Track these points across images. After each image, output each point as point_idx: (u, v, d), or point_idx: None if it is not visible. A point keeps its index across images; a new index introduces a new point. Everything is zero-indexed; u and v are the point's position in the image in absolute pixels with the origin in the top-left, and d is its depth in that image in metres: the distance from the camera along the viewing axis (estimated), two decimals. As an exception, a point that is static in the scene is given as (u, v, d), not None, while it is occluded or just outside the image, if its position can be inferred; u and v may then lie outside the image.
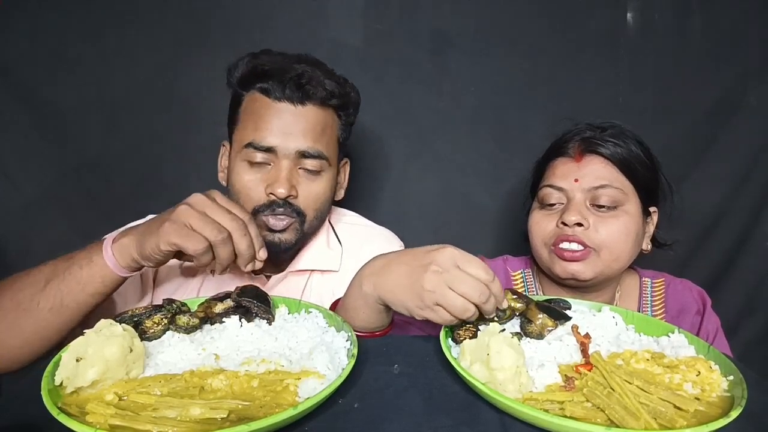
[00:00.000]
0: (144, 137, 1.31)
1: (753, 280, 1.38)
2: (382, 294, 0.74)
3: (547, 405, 0.56)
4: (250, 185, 0.95)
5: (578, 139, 0.97)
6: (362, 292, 0.76)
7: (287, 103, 0.94)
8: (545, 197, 0.98)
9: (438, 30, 1.31)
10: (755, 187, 1.35)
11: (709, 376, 0.62)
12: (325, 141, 0.97)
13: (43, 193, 1.30)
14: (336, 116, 1.00)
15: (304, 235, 0.99)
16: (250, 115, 0.96)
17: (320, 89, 0.94)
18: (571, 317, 0.75)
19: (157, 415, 0.51)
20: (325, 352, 0.62)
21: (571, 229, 0.92)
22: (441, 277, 0.68)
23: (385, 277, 0.74)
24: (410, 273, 0.70)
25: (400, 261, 0.74)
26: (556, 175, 0.97)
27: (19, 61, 1.25)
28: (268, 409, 0.53)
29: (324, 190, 1.00)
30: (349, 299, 0.80)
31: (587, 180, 0.93)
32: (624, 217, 0.93)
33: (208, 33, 1.28)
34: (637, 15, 1.31)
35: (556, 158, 1.00)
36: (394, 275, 0.73)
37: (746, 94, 1.33)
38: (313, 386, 0.57)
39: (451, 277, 0.67)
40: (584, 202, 0.94)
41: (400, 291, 0.71)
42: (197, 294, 0.98)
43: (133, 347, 0.58)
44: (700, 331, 1.01)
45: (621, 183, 0.94)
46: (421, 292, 0.68)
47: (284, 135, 0.93)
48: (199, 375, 0.58)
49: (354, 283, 0.79)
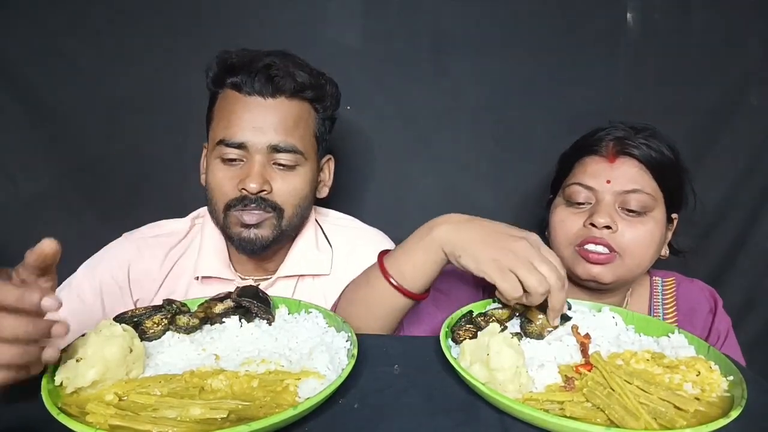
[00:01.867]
0: (143, 138, 1.31)
1: (753, 279, 1.37)
2: (455, 242, 0.74)
3: (547, 405, 0.57)
4: (223, 182, 0.94)
5: (611, 138, 0.94)
6: (429, 237, 0.76)
7: (257, 96, 0.92)
8: (573, 195, 0.95)
9: (438, 30, 1.31)
10: (755, 187, 1.35)
11: (709, 377, 0.62)
12: (298, 135, 0.95)
13: (43, 193, 1.30)
14: (312, 109, 0.98)
15: (282, 232, 0.97)
16: (222, 112, 0.95)
17: (290, 80, 0.92)
18: (571, 317, 0.75)
19: (157, 416, 0.51)
20: (325, 352, 0.62)
21: (599, 231, 0.90)
22: (528, 249, 0.69)
23: (465, 229, 0.75)
24: (496, 234, 0.72)
25: (484, 224, 0.75)
26: (586, 174, 0.94)
27: (19, 61, 1.25)
28: (268, 410, 0.53)
29: (301, 186, 0.97)
30: (408, 244, 0.80)
31: (619, 182, 0.91)
32: (651, 223, 0.91)
33: (207, 33, 1.27)
34: (637, 15, 1.31)
35: (587, 156, 0.97)
36: (476, 231, 0.74)
37: (746, 94, 1.32)
38: (313, 386, 0.57)
39: (536, 254, 0.69)
40: (613, 205, 0.91)
41: (478, 244, 0.72)
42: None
43: (133, 347, 0.58)
44: (711, 330, 1.01)
45: (652, 188, 0.92)
46: (504, 251, 0.69)
47: (255, 130, 0.92)
48: (199, 375, 0.58)
49: (421, 230, 0.79)
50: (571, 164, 1.00)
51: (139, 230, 1.06)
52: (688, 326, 0.99)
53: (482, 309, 0.79)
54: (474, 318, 0.75)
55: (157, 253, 1.02)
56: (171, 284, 1.02)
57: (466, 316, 0.76)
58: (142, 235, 1.04)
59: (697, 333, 0.89)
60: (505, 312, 0.76)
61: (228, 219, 0.95)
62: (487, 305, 0.80)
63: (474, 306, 0.79)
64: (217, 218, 0.98)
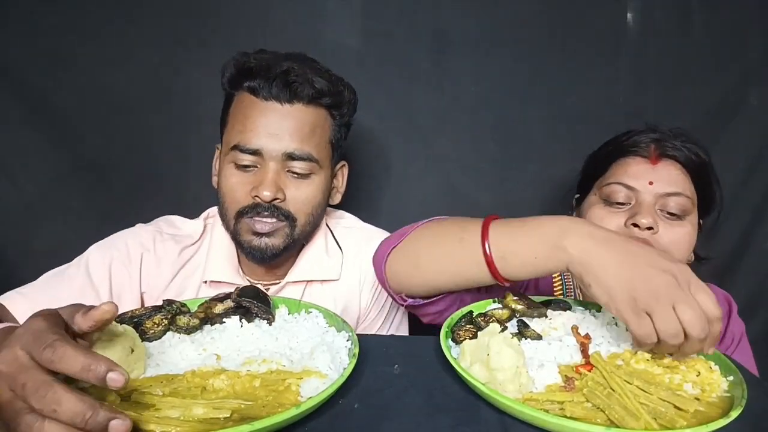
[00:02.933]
0: (144, 137, 1.31)
1: (754, 280, 1.38)
2: (588, 266, 0.63)
3: (547, 405, 0.56)
4: (236, 188, 0.92)
5: (651, 139, 0.95)
6: (558, 247, 0.65)
7: (274, 102, 0.90)
8: (612, 194, 0.95)
9: (438, 30, 1.31)
10: (757, 188, 1.35)
11: (709, 377, 0.62)
12: (314, 142, 0.93)
13: (43, 193, 1.30)
14: (329, 116, 0.97)
15: (294, 241, 0.96)
16: (237, 116, 0.93)
17: (308, 87, 0.91)
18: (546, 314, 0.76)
19: (160, 415, 0.51)
20: (326, 351, 0.62)
21: (641, 231, 0.89)
22: (672, 288, 0.58)
23: (601, 252, 0.62)
24: (637, 265, 0.60)
25: (626, 247, 0.63)
26: (628, 174, 0.94)
27: (19, 61, 1.25)
28: (270, 409, 0.53)
29: (314, 194, 0.96)
30: (528, 237, 0.69)
31: (661, 184, 0.91)
32: (688, 227, 0.91)
33: (207, 33, 1.27)
34: (637, 15, 1.31)
35: (627, 156, 0.97)
36: (613, 255, 0.62)
37: (748, 94, 1.32)
38: (315, 386, 0.57)
39: (682, 296, 0.57)
40: (654, 206, 0.91)
41: (613, 275, 0.61)
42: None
43: (135, 348, 0.58)
44: (725, 334, 1.01)
45: (691, 192, 0.92)
46: (643, 290, 0.58)
47: (270, 136, 0.90)
48: (200, 375, 0.58)
49: (549, 229, 0.68)
50: (608, 164, 0.99)
51: (156, 223, 1.04)
52: None
53: (482, 309, 0.79)
54: (474, 318, 0.75)
55: (170, 251, 0.99)
56: (179, 285, 1.00)
57: (466, 316, 0.76)
58: (159, 229, 1.01)
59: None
60: (506, 312, 0.76)
61: (239, 226, 0.93)
62: (487, 305, 0.81)
63: (474, 306, 0.79)
64: (228, 223, 0.96)
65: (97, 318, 0.50)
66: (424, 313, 0.88)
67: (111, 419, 0.44)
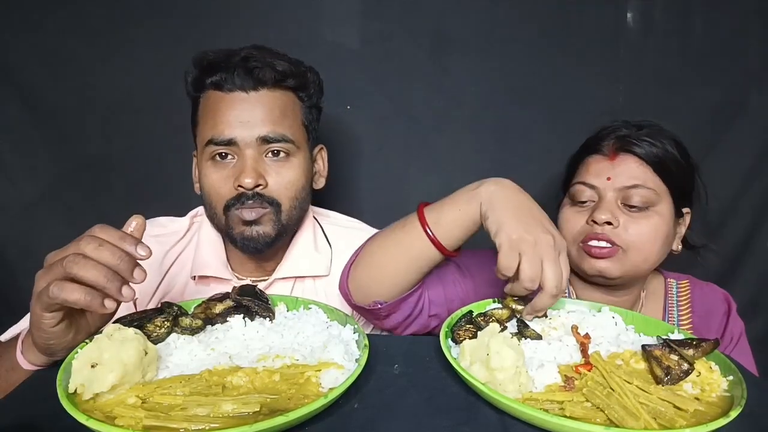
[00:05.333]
0: (144, 137, 1.31)
1: (755, 280, 1.38)
2: (493, 203, 0.75)
3: (547, 405, 0.57)
4: (218, 183, 0.93)
5: (613, 137, 0.96)
6: (475, 191, 0.79)
7: (240, 92, 0.91)
8: (576, 194, 0.97)
9: (438, 30, 1.31)
10: (758, 188, 1.35)
11: (708, 376, 0.62)
12: (287, 124, 0.94)
13: (43, 193, 1.30)
14: (296, 99, 0.97)
15: (283, 226, 0.96)
16: (207, 114, 0.94)
17: (269, 70, 0.91)
18: (529, 326, 0.75)
19: (189, 414, 0.51)
20: (340, 344, 0.64)
21: (600, 227, 0.91)
22: (548, 247, 0.70)
23: (507, 198, 0.76)
24: (531, 218, 0.73)
25: (529, 204, 0.77)
26: (589, 173, 0.96)
27: (19, 61, 1.25)
28: (297, 401, 0.54)
29: (297, 177, 0.96)
30: (453, 195, 0.82)
31: (620, 179, 0.93)
32: (655, 218, 0.92)
33: (207, 33, 1.27)
34: (637, 15, 1.31)
35: (590, 155, 0.99)
36: (516, 205, 0.75)
37: (748, 94, 1.32)
38: (334, 376, 0.58)
39: (552, 255, 0.69)
40: (616, 201, 0.93)
41: (510, 216, 0.73)
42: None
43: (147, 350, 0.58)
44: (725, 333, 1.01)
45: (654, 183, 0.93)
46: (526, 235, 0.70)
47: (242, 125, 0.90)
48: (217, 374, 0.59)
49: (470, 185, 0.82)
50: (576, 164, 1.02)
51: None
52: (704, 328, 1.00)
53: (482, 309, 0.79)
54: (474, 318, 0.75)
55: (156, 252, 1.00)
56: (167, 284, 1.01)
57: (466, 316, 0.76)
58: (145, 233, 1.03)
59: (712, 335, 0.90)
60: (505, 312, 0.77)
61: (229, 219, 0.94)
62: (487, 305, 0.81)
63: (474, 306, 0.79)
64: (218, 222, 0.96)
65: (136, 230, 0.66)
66: (391, 324, 0.91)
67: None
